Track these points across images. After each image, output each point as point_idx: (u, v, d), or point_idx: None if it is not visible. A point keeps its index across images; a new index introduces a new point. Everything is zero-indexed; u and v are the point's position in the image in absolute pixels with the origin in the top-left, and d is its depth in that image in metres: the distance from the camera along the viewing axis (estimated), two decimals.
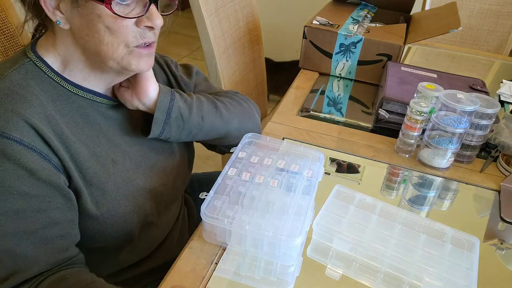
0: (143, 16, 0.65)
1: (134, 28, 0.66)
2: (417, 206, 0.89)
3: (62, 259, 0.67)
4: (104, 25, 0.63)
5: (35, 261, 0.64)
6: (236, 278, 0.68)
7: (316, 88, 1.34)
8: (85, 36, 0.65)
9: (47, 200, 0.64)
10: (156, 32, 0.70)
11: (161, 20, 0.67)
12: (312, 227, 0.74)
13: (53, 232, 0.65)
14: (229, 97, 0.92)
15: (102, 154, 0.72)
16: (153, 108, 0.77)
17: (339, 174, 0.97)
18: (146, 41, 0.68)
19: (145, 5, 0.65)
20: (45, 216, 0.64)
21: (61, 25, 0.65)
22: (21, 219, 0.62)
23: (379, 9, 1.65)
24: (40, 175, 0.62)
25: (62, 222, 0.66)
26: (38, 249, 0.64)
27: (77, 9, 0.63)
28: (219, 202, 0.71)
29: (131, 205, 0.75)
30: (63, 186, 0.66)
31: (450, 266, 0.68)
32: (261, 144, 0.87)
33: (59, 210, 0.65)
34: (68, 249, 0.67)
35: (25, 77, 0.66)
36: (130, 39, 0.66)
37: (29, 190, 0.62)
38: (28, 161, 0.61)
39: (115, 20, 0.63)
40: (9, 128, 0.60)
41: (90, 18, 0.63)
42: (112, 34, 0.64)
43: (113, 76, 0.73)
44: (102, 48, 0.65)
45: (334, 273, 0.71)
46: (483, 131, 0.97)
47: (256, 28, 1.61)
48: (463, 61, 1.65)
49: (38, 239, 0.64)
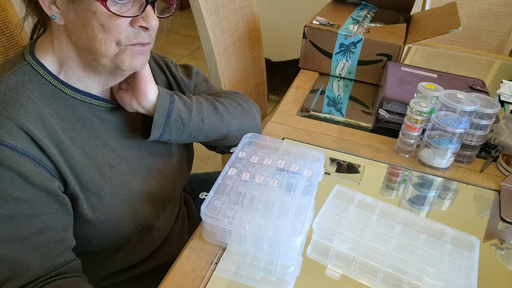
0: (139, 16, 0.65)
1: (129, 28, 0.65)
2: (417, 206, 0.89)
3: (57, 264, 0.66)
4: (99, 22, 0.63)
5: (30, 267, 0.63)
6: (236, 278, 0.68)
7: (316, 88, 1.34)
8: (78, 32, 0.65)
9: (41, 205, 0.63)
10: (152, 34, 0.69)
11: (157, 21, 0.66)
12: (312, 227, 0.74)
13: (47, 237, 0.64)
14: (229, 97, 0.92)
15: (98, 158, 0.72)
16: (152, 111, 0.77)
17: (339, 174, 0.97)
18: (139, 41, 0.67)
19: (142, 6, 0.64)
20: (39, 222, 0.63)
21: (56, 20, 0.65)
22: (14, 225, 0.62)
23: (379, 9, 1.65)
24: (34, 180, 0.62)
25: (56, 227, 0.65)
26: (32, 254, 0.63)
27: (72, 5, 0.63)
28: (219, 202, 0.71)
29: (128, 209, 0.75)
30: (57, 191, 0.65)
31: (450, 266, 0.68)
32: (261, 144, 0.87)
33: (53, 215, 0.65)
34: (63, 254, 0.67)
35: (22, 81, 0.66)
36: (122, 38, 0.65)
37: (23, 196, 0.62)
38: (21, 167, 0.61)
39: (110, 18, 0.63)
40: (2, 134, 0.60)
41: (85, 14, 0.63)
42: (106, 32, 0.64)
43: (107, 76, 0.72)
44: (95, 45, 0.65)
45: (334, 273, 0.71)
46: (483, 131, 0.97)
47: (256, 28, 1.61)
48: (463, 61, 1.65)
49: (32, 244, 0.63)
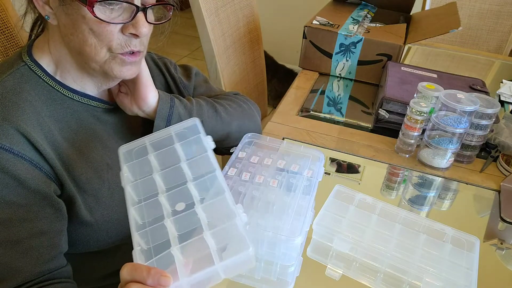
0: (129, 23, 0.64)
1: (120, 35, 0.64)
2: (417, 206, 0.89)
3: (47, 270, 0.65)
4: (88, 26, 0.63)
5: (20, 271, 0.62)
6: (236, 278, 0.68)
7: (316, 88, 1.34)
8: (69, 34, 0.65)
9: (34, 209, 0.63)
10: (144, 41, 0.68)
11: (148, 28, 0.66)
12: (312, 227, 0.74)
13: (39, 242, 0.63)
14: (229, 99, 0.92)
15: (96, 159, 0.72)
16: (152, 115, 0.76)
17: (339, 174, 0.97)
18: (131, 50, 0.66)
19: (133, 12, 0.63)
20: (31, 226, 0.63)
21: (50, 20, 0.65)
22: (7, 228, 0.61)
23: (379, 9, 1.65)
24: (28, 184, 0.62)
25: (49, 232, 0.65)
26: (23, 258, 0.62)
27: (62, 7, 0.62)
28: None
29: (126, 211, 0.75)
30: (52, 195, 0.65)
31: (450, 266, 0.68)
32: (261, 144, 0.87)
33: (46, 220, 0.64)
34: (54, 259, 0.66)
35: (19, 82, 0.65)
36: (114, 45, 0.65)
37: (17, 199, 0.61)
38: (17, 170, 0.61)
39: (99, 23, 0.62)
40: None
41: (75, 18, 0.62)
42: (96, 37, 0.63)
43: (101, 79, 0.72)
44: (86, 48, 0.65)
45: (334, 273, 0.71)
46: (483, 131, 0.97)
47: (256, 28, 1.61)
48: (463, 61, 1.65)
49: (24, 248, 0.62)
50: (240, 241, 0.51)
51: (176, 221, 0.56)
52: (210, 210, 0.56)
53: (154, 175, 0.63)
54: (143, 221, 0.58)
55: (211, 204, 0.57)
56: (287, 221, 0.68)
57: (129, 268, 0.48)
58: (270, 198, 0.72)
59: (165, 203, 0.59)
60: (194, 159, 0.65)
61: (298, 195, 0.73)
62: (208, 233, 0.52)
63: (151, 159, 0.65)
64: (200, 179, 0.61)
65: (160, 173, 0.63)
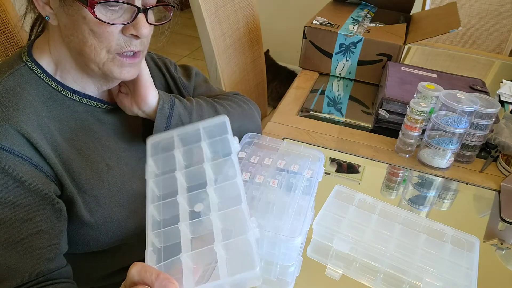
0: (129, 24, 0.64)
1: (120, 36, 0.64)
2: (417, 206, 0.89)
3: (47, 270, 0.64)
4: (89, 27, 0.62)
5: (19, 271, 0.62)
6: None
7: (316, 88, 1.34)
8: (70, 35, 0.65)
9: (34, 210, 0.63)
10: (144, 42, 0.68)
11: (149, 29, 0.66)
12: (312, 227, 0.74)
13: (39, 242, 0.63)
14: (229, 99, 0.92)
15: (96, 160, 0.72)
16: (153, 116, 0.76)
17: (339, 174, 0.97)
18: (131, 50, 0.66)
19: (133, 13, 0.63)
20: (32, 226, 0.63)
21: (50, 20, 0.65)
22: (7, 229, 0.61)
23: (379, 9, 1.65)
24: (29, 184, 0.62)
25: (49, 232, 0.64)
26: (22, 259, 0.62)
27: (63, 8, 0.62)
28: None
29: (126, 211, 0.74)
30: (53, 196, 0.65)
31: (450, 266, 0.68)
32: (261, 144, 0.87)
33: (46, 220, 0.64)
34: (54, 260, 0.65)
35: (19, 82, 0.65)
36: (113, 45, 0.65)
37: (17, 200, 0.61)
38: (17, 170, 0.61)
39: (100, 24, 0.62)
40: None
41: (76, 19, 0.62)
42: (96, 38, 0.63)
43: (100, 80, 0.72)
44: (85, 49, 0.65)
45: (334, 273, 0.71)
46: (483, 131, 0.97)
47: (256, 28, 1.61)
48: (463, 61, 1.65)
49: (24, 249, 0.62)
50: (249, 258, 0.50)
51: (191, 225, 0.56)
52: (225, 218, 0.56)
53: (177, 173, 0.63)
54: (160, 219, 0.59)
55: (227, 213, 0.57)
56: (287, 221, 0.68)
57: (139, 268, 0.48)
58: (270, 198, 0.72)
59: (183, 203, 0.59)
60: (218, 162, 0.65)
61: (298, 195, 0.73)
62: (219, 245, 0.52)
63: (177, 155, 0.66)
64: (221, 184, 0.61)
65: (183, 171, 0.64)
